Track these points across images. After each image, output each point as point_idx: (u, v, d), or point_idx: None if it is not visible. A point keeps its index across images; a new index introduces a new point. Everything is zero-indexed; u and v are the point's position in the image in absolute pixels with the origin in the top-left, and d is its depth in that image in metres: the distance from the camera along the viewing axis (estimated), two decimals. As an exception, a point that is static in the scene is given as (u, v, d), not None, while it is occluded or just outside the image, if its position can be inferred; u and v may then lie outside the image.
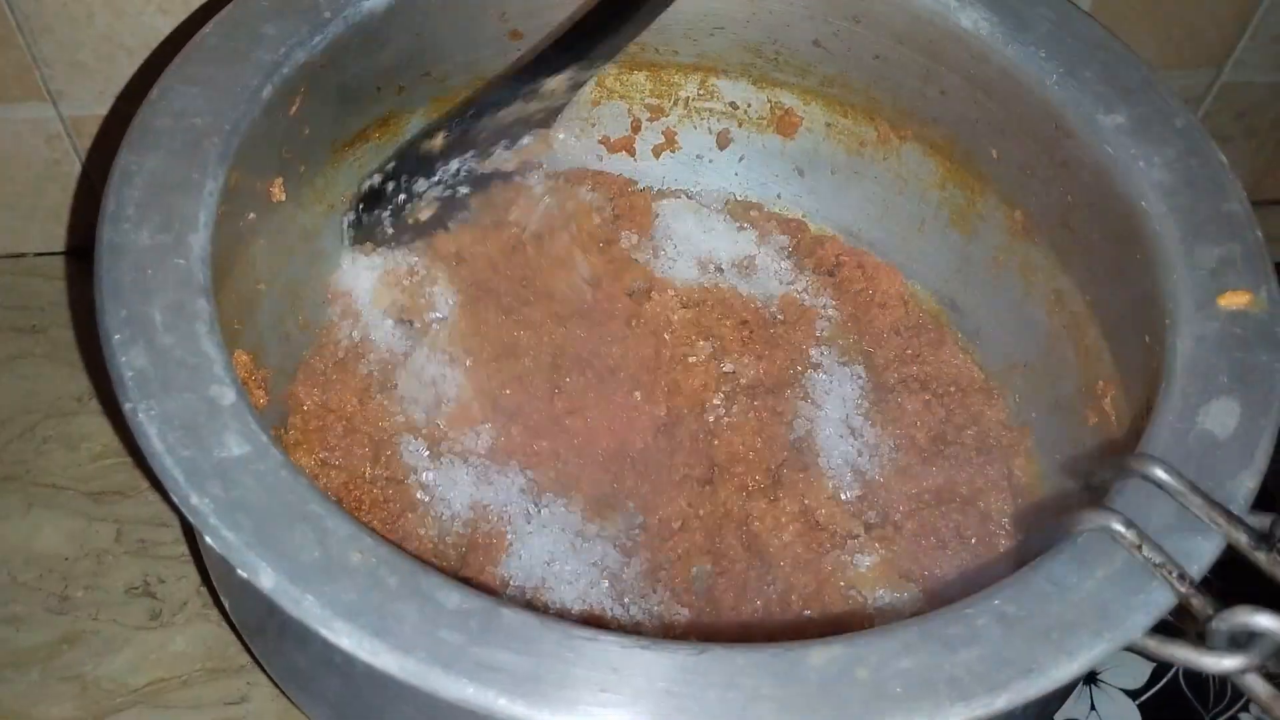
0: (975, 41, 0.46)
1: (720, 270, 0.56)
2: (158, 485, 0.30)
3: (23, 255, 0.61)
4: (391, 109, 0.50)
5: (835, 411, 0.50)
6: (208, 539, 0.28)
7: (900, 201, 0.55)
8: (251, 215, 0.44)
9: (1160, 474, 0.30)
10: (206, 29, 0.40)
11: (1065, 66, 0.43)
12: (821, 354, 0.53)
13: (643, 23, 0.48)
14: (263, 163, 0.43)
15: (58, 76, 0.53)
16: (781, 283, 0.56)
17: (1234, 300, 0.36)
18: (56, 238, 0.61)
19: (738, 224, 0.57)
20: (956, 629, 0.29)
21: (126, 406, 0.31)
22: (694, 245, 0.56)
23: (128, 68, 0.53)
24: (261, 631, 0.37)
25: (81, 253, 0.61)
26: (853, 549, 0.43)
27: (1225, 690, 0.50)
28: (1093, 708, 0.50)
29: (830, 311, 0.55)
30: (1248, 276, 0.37)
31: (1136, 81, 0.42)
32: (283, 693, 0.39)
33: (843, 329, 0.54)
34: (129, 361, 0.31)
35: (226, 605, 0.41)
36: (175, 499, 0.29)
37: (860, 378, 0.52)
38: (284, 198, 0.46)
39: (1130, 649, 0.28)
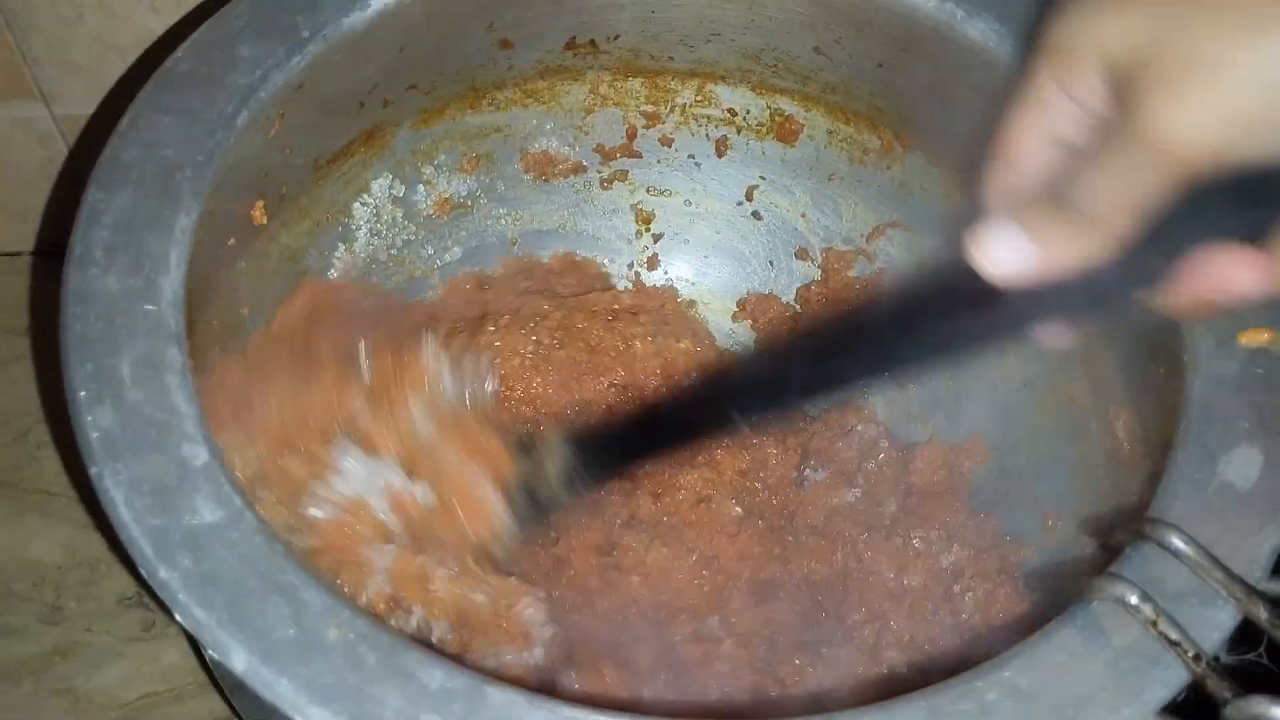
0: (983, 52, 0.44)
1: None
2: (126, 558, 0.29)
3: (18, 254, 0.60)
4: (377, 122, 0.49)
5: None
6: (177, 616, 0.27)
7: (904, 210, 0.54)
8: (231, 240, 0.43)
9: (1177, 543, 0.28)
10: (179, 52, 0.39)
11: (1078, 82, 0.41)
12: None
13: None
14: (241, 188, 0.41)
15: (49, 76, 0.52)
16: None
17: (1255, 337, 0.34)
18: (51, 239, 0.60)
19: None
20: (966, 704, 0.27)
21: (92, 470, 0.29)
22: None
23: (120, 67, 0.52)
24: (242, 690, 0.36)
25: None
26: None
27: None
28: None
29: None
30: (1268, 311, 0.35)
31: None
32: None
33: None
34: (94, 421, 0.30)
35: (208, 659, 0.39)
36: (144, 573, 0.28)
37: None
38: (265, 220, 0.44)
39: (1145, 728, 0.27)
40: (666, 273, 0.58)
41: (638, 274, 0.58)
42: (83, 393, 0.30)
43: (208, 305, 0.42)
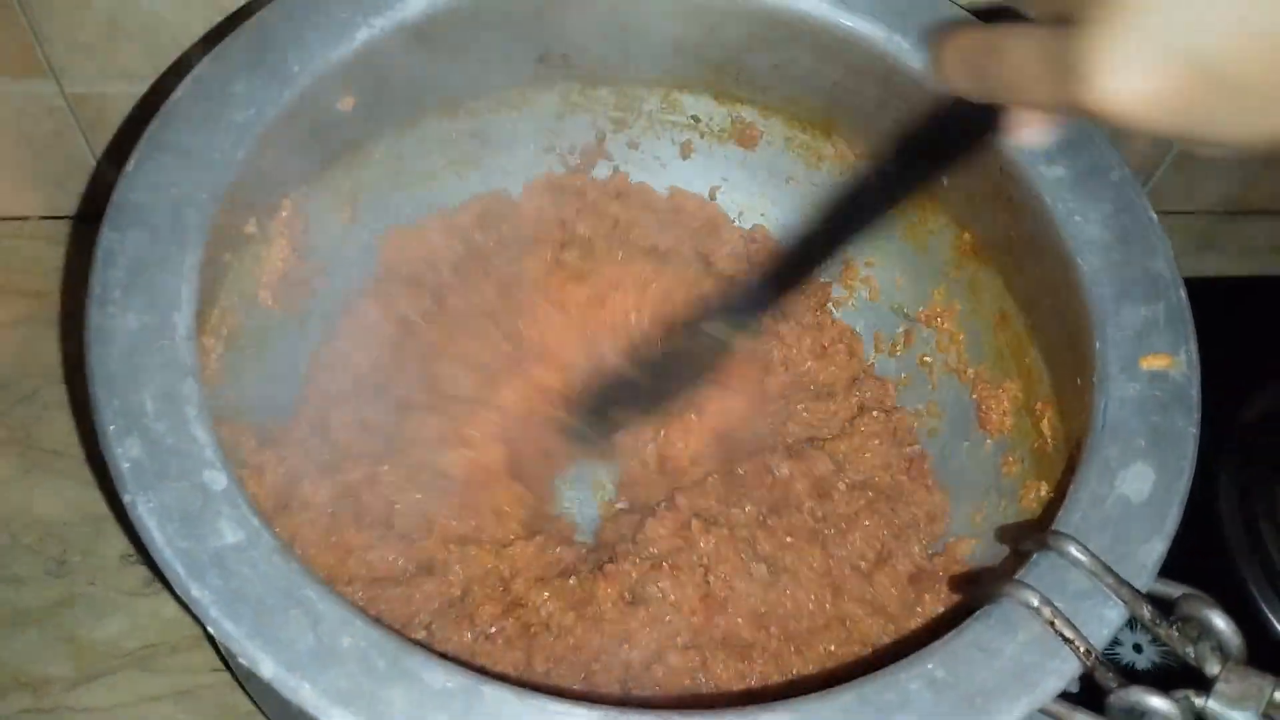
0: (928, 82, 0.47)
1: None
2: (154, 566, 0.32)
3: (27, 219, 0.62)
4: (359, 135, 0.51)
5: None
6: (210, 630, 0.31)
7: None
8: (227, 256, 0.46)
9: (1074, 553, 0.33)
10: (178, 91, 0.41)
11: (1011, 114, 0.45)
12: None
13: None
14: (238, 214, 0.44)
15: (59, 55, 0.55)
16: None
17: (1155, 363, 0.38)
18: (60, 204, 0.62)
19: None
20: (891, 695, 0.32)
21: (126, 499, 0.33)
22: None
23: (128, 49, 0.55)
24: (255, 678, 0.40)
25: (83, 219, 0.62)
26: None
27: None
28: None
29: None
30: (1169, 338, 0.39)
31: (1077, 132, 0.44)
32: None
33: None
34: (125, 453, 0.33)
35: (222, 651, 0.43)
36: (178, 591, 0.31)
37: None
38: (256, 231, 0.47)
39: (1042, 711, 0.32)
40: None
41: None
42: (112, 427, 0.34)
43: (207, 314, 0.46)
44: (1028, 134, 0.33)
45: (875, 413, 0.54)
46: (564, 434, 0.51)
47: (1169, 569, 0.34)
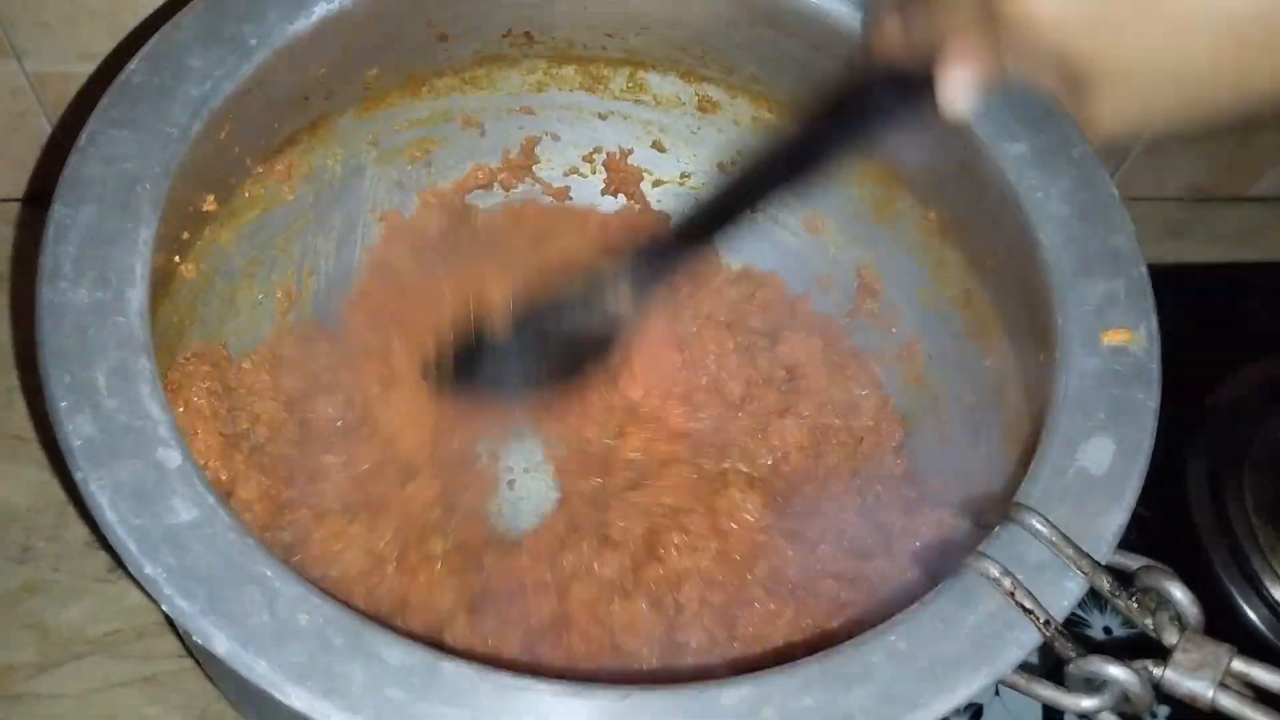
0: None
1: None
2: (112, 551, 0.32)
3: None
4: (321, 113, 0.51)
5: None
6: (164, 607, 0.30)
7: (825, 193, 0.57)
8: (185, 234, 0.45)
9: (1036, 524, 0.33)
10: (131, 65, 0.40)
11: (974, 91, 0.45)
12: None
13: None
14: (194, 189, 0.44)
15: (22, 35, 0.54)
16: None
17: (1116, 337, 0.39)
18: (21, 185, 0.62)
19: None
20: (853, 667, 0.32)
21: (77, 476, 0.32)
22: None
23: (91, 28, 0.54)
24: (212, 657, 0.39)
25: (42, 201, 0.61)
26: None
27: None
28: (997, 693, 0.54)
29: None
30: (1130, 313, 0.40)
31: (1039, 111, 0.44)
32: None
33: None
34: (76, 430, 0.33)
35: (181, 633, 0.43)
36: (130, 569, 0.31)
37: None
38: (216, 208, 0.47)
39: (1002, 682, 0.32)
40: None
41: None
42: (63, 403, 0.33)
43: (165, 296, 0.45)
44: (957, 91, 0.35)
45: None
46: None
47: (1138, 551, 0.34)
